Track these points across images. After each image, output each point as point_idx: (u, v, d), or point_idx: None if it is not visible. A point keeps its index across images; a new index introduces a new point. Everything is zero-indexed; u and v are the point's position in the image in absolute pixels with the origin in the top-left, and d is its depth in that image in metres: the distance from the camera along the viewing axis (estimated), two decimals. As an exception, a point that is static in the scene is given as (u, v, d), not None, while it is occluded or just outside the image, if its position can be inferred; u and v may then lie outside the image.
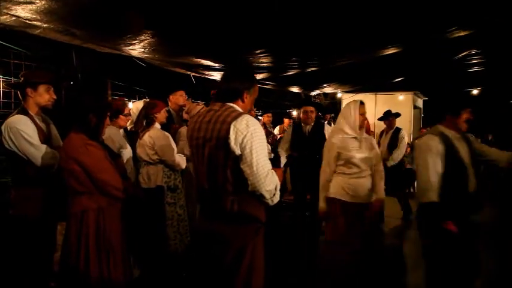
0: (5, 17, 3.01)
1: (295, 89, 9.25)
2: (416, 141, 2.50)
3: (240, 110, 1.90)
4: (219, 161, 1.81)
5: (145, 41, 3.67)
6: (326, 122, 6.49)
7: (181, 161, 3.40)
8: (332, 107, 10.66)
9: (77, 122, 2.24)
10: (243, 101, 1.93)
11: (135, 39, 3.58)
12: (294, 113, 11.68)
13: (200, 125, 1.90)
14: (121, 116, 3.18)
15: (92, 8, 2.92)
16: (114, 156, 2.36)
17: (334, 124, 4.69)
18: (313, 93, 10.30)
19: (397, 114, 5.74)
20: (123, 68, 5.08)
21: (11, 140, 2.45)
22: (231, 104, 1.91)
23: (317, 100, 10.85)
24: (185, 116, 4.24)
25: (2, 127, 2.48)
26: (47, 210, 2.57)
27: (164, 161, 3.30)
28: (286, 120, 8.66)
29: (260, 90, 2.09)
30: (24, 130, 2.45)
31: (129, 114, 3.40)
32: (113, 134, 3.02)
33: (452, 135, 2.41)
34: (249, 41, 4.25)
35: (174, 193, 3.41)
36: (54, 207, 2.64)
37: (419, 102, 10.18)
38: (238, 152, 1.76)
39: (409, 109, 8.67)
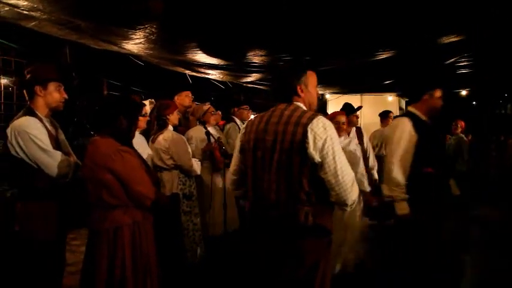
0: (-1, 6, 2.66)
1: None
2: None
3: (306, 108, 1.74)
4: (293, 168, 1.61)
5: (154, 35, 3.37)
6: None
7: (197, 166, 3.15)
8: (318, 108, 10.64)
9: (105, 125, 1.95)
10: (299, 96, 1.76)
11: (143, 30, 3.26)
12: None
13: (266, 126, 1.69)
14: (141, 117, 2.88)
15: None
16: (146, 163, 2.08)
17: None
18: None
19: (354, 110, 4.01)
20: (119, 67, 4.72)
21: (19, 146, 2.09)
22: (298, 103, 1.72)
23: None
24: (191, 118, 4.00)
25: (8, 131, 2.12)
26: (59, 228, 2.25)
27: (180, 167, 3.04)
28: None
29: (254, 91, 1.93)
30: (35, 134, 2.10)
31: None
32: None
33: None
34: (254, 37, 4.06)
35: (190, 201, 3.17)
36: (66, 224, 2.33)
37: (403, 104, 10.33)
38: (318, 159, 1.58)
39: (395, 110, 8.76)
